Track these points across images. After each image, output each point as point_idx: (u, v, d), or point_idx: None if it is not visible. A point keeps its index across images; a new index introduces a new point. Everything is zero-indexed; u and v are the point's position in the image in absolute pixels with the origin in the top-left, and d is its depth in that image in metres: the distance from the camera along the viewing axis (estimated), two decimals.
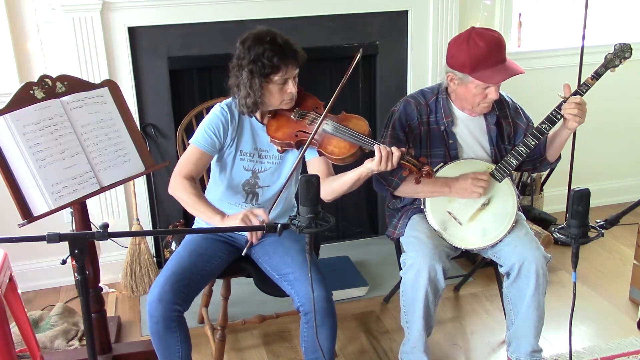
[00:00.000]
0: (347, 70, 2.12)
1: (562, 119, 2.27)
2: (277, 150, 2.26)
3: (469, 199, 2.33)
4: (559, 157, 2.45)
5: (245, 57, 2.11)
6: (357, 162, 2.16)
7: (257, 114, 2.27)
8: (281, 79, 2.12)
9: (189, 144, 2.26)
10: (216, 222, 2.10)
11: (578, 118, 2.20)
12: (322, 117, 2.14)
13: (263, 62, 2.07)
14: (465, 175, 2.33)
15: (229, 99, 2.28)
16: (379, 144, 2.08)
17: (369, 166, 2.07)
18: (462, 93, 2.33)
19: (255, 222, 2.04)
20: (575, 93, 2.23)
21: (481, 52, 2.19)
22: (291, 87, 2.16)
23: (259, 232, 2.13)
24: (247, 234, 2.14)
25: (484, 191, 2.32)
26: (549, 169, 2.53)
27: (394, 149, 2.05)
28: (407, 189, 2.36)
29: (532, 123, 2.45)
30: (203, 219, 2.20)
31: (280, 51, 2.08)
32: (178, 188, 2.18)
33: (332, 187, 2.20)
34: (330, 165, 2.27)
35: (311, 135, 2.13)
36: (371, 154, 2.10)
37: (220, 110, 2.24)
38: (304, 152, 2.17)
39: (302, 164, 2.34)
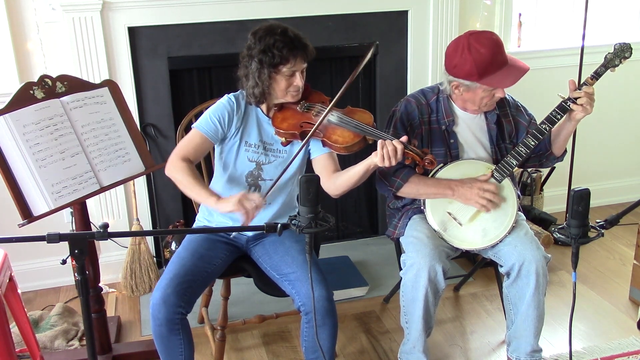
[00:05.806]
0: (358, 65, 2.14)
1: (562, 119, 2.27)
2: (282, 143, 2.27)
3: None
4: (565, 151, 2.45)
5: (255, 47, 2.14)
6: (363, 153, 2.15)
7: (264, 107, 2.28)
8: (289, 70, 2.15)
9: (192, 128, 2.27)
10: (211, 203, 2.09)
11: (587, 107, 2.21)
12: (328, 107, 2.15)
13: (273, 52, 2.11)
14: (471, 181, 2.32)
15: (237, 92, 2.29)
16: (383, 137, 2.06)
17: (375, 160, 2.06)
18: (468, 97, 2.33)
19: (249, 206, 2.02)
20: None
21: (485, 59, 2.20)
22: (298, 80, 2.18)
23: (254, 212, 2.05)
24: (241, 214, 2.06)
25: (492, 205, 2.30)
26: (555, 163, 2.53)
27: (395, 142, 2.04)
28: (409, 190, 2.35)
29: (535, 120, 2.45)
30: (198, 201, 2.22)
31: (291, 43, 2.12)
32: (175, 169, 2.18)
33: (340, 182, 2.19)
34: (336, 162, 2.27)
35: (316, 124, 2.14)
36: (376, 146, 2.09)
37: (227, 100, 2.26)
38: (308, 139, 2.17)
39: (308, 162, 2.34)
